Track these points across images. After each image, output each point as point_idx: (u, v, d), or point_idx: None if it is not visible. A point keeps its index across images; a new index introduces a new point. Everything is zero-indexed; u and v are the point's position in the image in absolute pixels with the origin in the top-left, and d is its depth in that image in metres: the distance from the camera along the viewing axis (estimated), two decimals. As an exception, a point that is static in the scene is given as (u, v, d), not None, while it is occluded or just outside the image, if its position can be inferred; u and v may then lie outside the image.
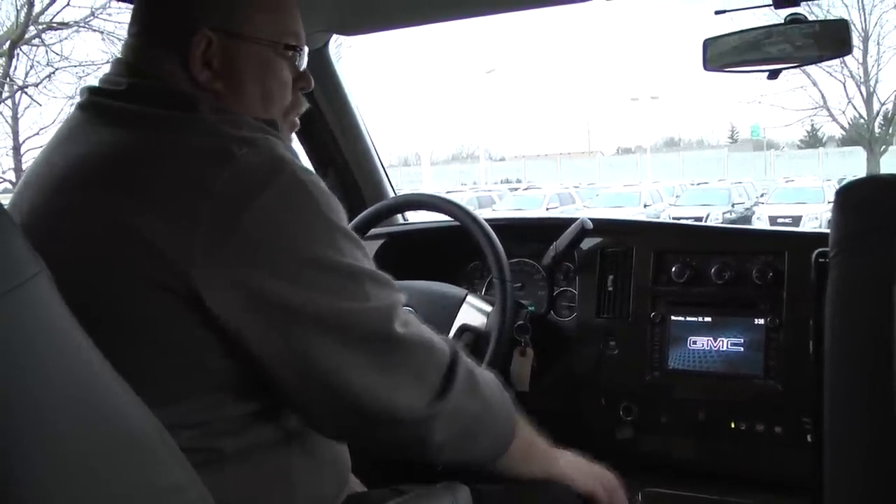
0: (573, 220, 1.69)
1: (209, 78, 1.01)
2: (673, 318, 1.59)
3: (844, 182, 0.80)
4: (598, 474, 1.24)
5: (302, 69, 1.11)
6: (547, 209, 19.56)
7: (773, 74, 1.56)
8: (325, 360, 0.91)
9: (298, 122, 1.16)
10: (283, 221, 0.89)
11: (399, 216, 2.14)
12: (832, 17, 1.92)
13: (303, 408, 0.98)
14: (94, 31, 13.65)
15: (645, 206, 19.61)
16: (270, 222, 0.88)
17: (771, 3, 1.48)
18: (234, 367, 0.93)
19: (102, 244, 0.89)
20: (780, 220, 16.01)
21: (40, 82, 13.70)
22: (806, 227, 14.92)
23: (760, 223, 16.17)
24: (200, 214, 0.86)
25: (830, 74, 21.65)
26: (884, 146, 22.89)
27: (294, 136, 2.15)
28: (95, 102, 1.01)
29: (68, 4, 13.37)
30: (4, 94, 13.59)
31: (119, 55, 1.08)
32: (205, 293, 0.86)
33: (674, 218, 15.75)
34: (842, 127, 24.31)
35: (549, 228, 1.78)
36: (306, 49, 1.11)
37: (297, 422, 1.02)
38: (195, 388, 0.92)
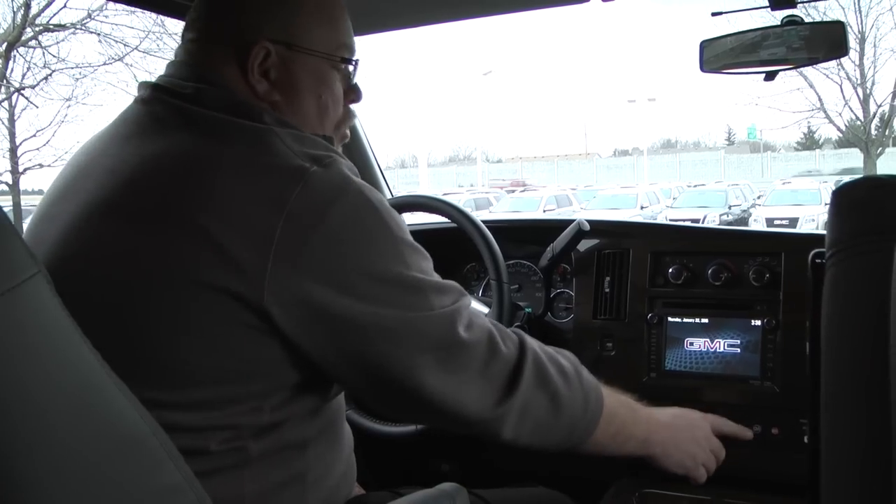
0: (570, 221, 1.69)
1: (267, 89, 1.03)
2: (670, 319, 1.59)
3: (841, 183, 0.80)
4: (693, 451, 1.28)
5: (353, 82, 1.13)
6: (544, 211, 19.60)
7: (770, 76, 1.56)
8: (396, 366, 0.95)
9: (349, 133, 1.17)
10: (350, 239, 0.92)
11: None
12: (829, 19, 1.92)
13: (381, 404, 1.07)
14: (91, 33, 13.68)
15: (642, 207, 19.67)
16: (339, 240, 0.91)
17: (768, 4, 1.48)
18: (291, 376, 0.96)
19: (175, 243, 0.90)
20: (776, 222, 16.07)
21: (37, 84, 13.72)
22: (802, 228, 14.98)
23: (757, 225, 16.22)
24: (275, 231, 0.88)
25: (827, 76, 21.74)
26: (880, 148, 22.95)
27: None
28: (164, 101, 1.01)
29: (65, 6, 13.39)
30: (1, 96, 13.58)
31: (174, 58, 1.08)
32: (274, 307, 0.89)
33: (670, 220, 15.77)
34: (838, 129, 24.33)
35: (546, 230, 1.78)
36: (359, 62, 1.13)
37: (316, 429, 1.04)
38: (243, 394, 0.94)
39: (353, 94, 1.14)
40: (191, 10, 1.08)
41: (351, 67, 1.11)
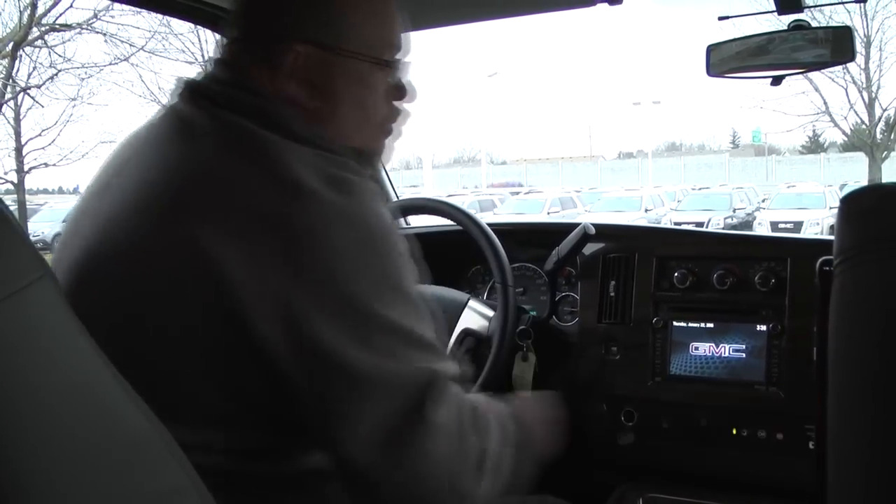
0: (575, 225, 1.69)
1: (301, 93, 0.98)
2: (675, 323, 1.59)
3: (848, 190, 0.80)
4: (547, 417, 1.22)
5: (400, 81, 1.07)
6: (548, 213, 19.59)
7: (777, 80, 1.56)
8: (364, 420, 0.87)
9: (398, 129, 1.11)
10: (348, 271, 0.86)
11: (401, 220, 2.14)
12: (835, 24, 1.92)
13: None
14: (97, 32, 13.70)
15: (646, 210, 19.65)
16: (329, 264, 0.86)
17: (774, 9, 1.48)
18: (275, 402, 0.91)
19: (177, 261, 0.87)
20: (781, 226, 16.07)
21: (43, 84, 13.74)
22: (807, 232, 14.99)
23: (762, 228, 16.21)
24: (271, 253, 0.85)
25: (832, 80, 21.64)
26: (885, 152, 22.89)
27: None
28: (196, 103, 0.98)
29: (71, 6, 13.41)
30: (7, 96, 13.61)
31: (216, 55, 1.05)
32: (261, 326, 0.85)
33: (675, 223, 15.79)
34: (843, 132, 24.29)
35: (551, 233, 1.78)
36: (408, 60, 1.07)
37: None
38: (237, 416, 0.91)
39: (400, 93, 1.07)
40: (234, 5, 1.05)
41: (397, 68, 1.04)
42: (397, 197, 2.20)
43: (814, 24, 1.49)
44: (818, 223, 16.01)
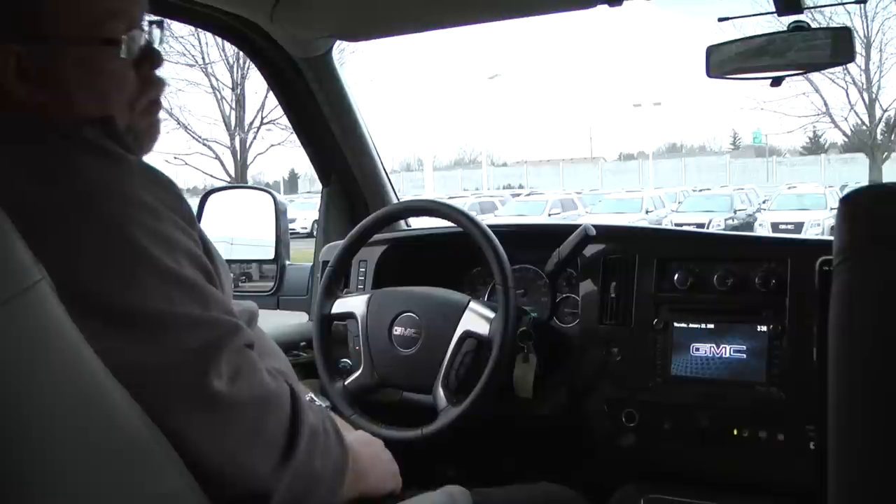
0: (576, 226, 1.69)
1: (29, 92, 0.90)
2: (676, 324, 1.59)
3: (848, 190, 0.80)
4: (394, 470, 1.20)
5: (141, 49, 0.97)
6: (549, 215, 19.59)
7: (777, 81, 1.56)
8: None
9: (159, 101, 1.02)
10: (75, 271, 0.79)
11: (402, 222, 2.15)
12: (835, 25, 1.92)
13: None
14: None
15: (647, 212, 19.66)
16: (69, 271, 0.78)
17: (774, 10, 1.48)
18: None
19: None
20: (781, 227, 16.10)
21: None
22: (808, 233, 15.03)
23: (763, 229, 16.23)
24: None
25: (833, 81, 21.68)
26: (886, 153, 22.94)
27: (297, 142, 2.16)
28: None
29: (72, 9, 13.40)
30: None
31: None
32: None
33: (676, 224, 15.78)
34: (844, 133, 24.36)
35: (552, 235, 1.77)
36: (143, 29, 0.98)
37: None
38: None
39: (147, 62, 0.98)
40: None
41: (125, 42, 0.94)
42: (398, 199, 2.21)
43: (814, 25, 1.49)
44: (819, 224, 16.04)
